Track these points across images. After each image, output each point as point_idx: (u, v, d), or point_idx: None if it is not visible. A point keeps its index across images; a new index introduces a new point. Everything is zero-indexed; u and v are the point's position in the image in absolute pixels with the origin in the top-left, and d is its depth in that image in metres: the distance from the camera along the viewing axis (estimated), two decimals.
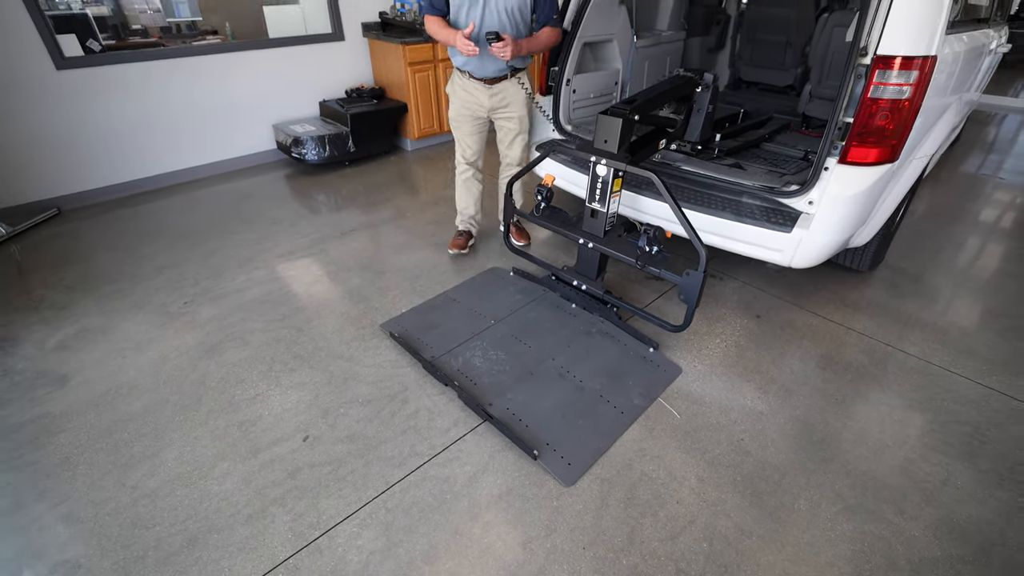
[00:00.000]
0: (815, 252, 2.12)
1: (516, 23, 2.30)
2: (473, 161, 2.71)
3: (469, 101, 2.52)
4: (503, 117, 2.57)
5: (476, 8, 2.26)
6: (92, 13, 3.73)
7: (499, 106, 2.52)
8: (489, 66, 2.38)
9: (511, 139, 2.63)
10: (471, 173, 2.75)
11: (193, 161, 3.99)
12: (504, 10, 2.26)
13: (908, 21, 1.79)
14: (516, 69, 2.47)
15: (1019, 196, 3.80)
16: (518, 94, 2.51)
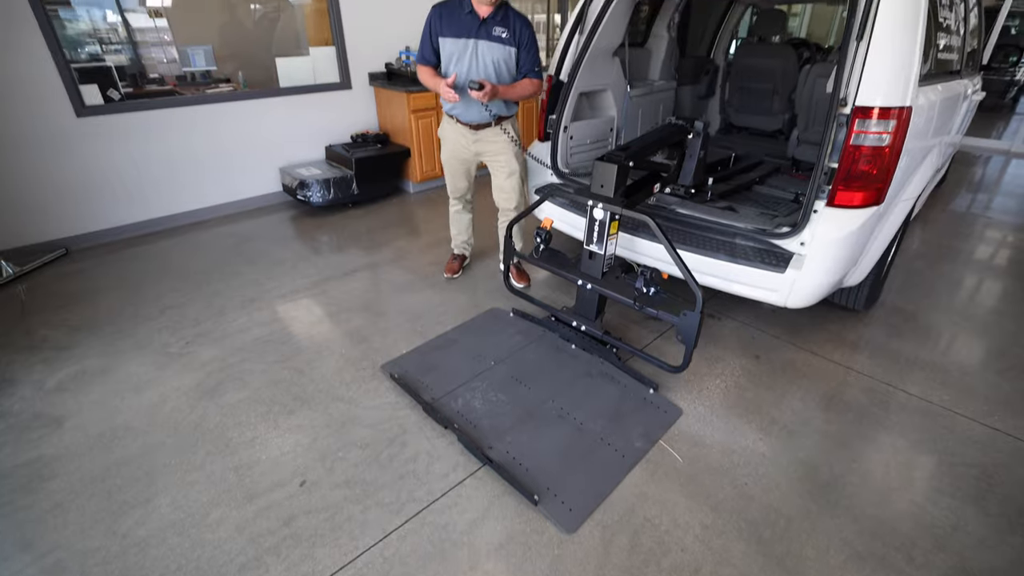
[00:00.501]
0: (809, 292, 2.15)
1: (501, 74, 2.49)
2: (462, 196, 2.93)
3: (457, 144, 2.69)
4: (492, 163, 2.74)
5: (464, 60, 2.44)
6: (114, 63, 3.91)
7: (484, 151, 2.69)
8: (474, 112, 2.55)
9: (503, 180, 2.75)
10: (461, 206, 2.99)
11: (200, 203, 4.08)
12: (491, 62, 2.45)
13: (882, 75, 1.90)
14: (501, 117, 2.61)
15: (1009, 234, 3.88)
16: (501, 139, 2.65)
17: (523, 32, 2.46)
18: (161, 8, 4.61)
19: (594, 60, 2.90)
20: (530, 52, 2.50)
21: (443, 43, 2.44)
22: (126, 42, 4.55)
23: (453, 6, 2.42)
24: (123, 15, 4.50)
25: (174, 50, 4.66)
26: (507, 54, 2.45)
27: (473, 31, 2.39)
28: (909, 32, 1.91)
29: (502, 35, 2.42)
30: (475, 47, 2.41)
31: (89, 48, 4.26)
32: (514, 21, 2.44)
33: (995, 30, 6.09)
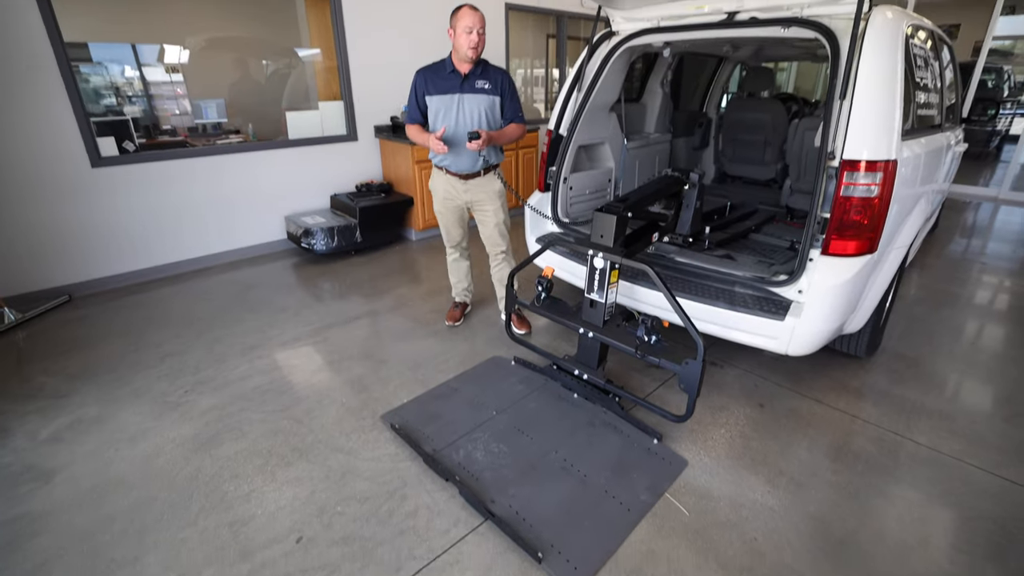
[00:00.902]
0: (810, 339, 2.16)
1: (487, 121, 2.63)
2: (458, 244, 3.00)
3: (448, 194, 2.80)
4: (480, 212, 2.83)
5: (452, 112, 2.59)
6: (130, 115, 4.06)
7: (474, 199, 2.79)
8: (464, 163, 2.66)
9: (491, 228, 2.85)
10: (458, 254, 3.06)
11: (205, 250, 4.14)
12: (477, 111, 2.60)
13: (867, 131, 1.99)
14: (490, 166, 2.74)
15: (1005, 279, 3.92)
16: (490, 188, 2.77)
17: (504, 82, 2.65)
18: (178, 64, 4.84)
19: (592, 115, 3.02)
20: (513, 99, 2.69)
21: (430, 101, 2.61)
22: (142, 95, 4.75)
23: (436, 68, 2.61)
24: (141, 70, 4.72)
25: (188, 103, 4.86)
26: (491, 103, 2.62)
27: (457, 87, 2.56)
28: (888, 91, 2.01)
29: (484, 86, 2.59)
30: (460, 100, 2.57)
31: (107, 101, 4.44)
32: (494, 73, 2.63)
33: (972, 85, 6.37)
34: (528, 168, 5.31)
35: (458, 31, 2.45)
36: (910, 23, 2.30)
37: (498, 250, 2.92)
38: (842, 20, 2.14)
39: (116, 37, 4.56)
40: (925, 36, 2.68)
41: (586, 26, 6.53)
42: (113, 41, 4.57)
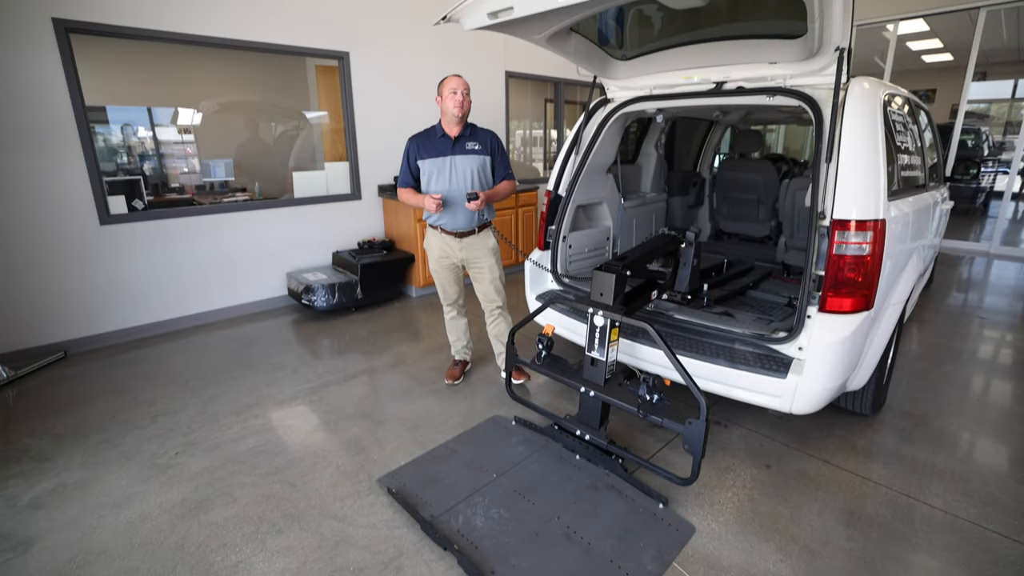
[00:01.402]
0: (813, 397, 2.13)
1: (478, 180, 2.72)
2: (454, 302, 3.02)
3: (444, 253, 2.84)
4: (475, 269, 2.88)
5: (445, 173, 2.69)
6: (140, 173, 4.19)
7: (470, 256, 2.83)
8: (459, 221, 2.73)
9: (486, 284, 2.89)
10: (455, 312, 3.08)
11: (207, 306, 4.16)
12: (468, 171, 2.69)
13: (854, 192, 2.06)
14: (484, 223, 2.82)
15: (1006, 333, 3.92)
16: (485, 245, 2.83)
17: (493, 142, 2.78)
18: (190, 125, 5.04)
19: (590, 176, 3.12)
20: (502, 158, 2.82)
21: (423, 165, 2.71)
22: (153, 155, 4.92)
23: (427, 134, 2.74)
24: (155, 131, 4.91)
25: (197, 162, 5.02)
26: (482, 162, 2.73)
27: (448, 150, 2.68)
28: (871, 155, 2.10)
29: (475, 147, 2.71)
30: (452, 162, 2.68)
31: (119, 160, 4.58)
32: (482, 135, 2.76)
33: (952, 145, 6.63)
34: (528, 225, 5.42)
35: (444, 94, 2.61)
36: (886, 92, 2.43)
37: (494, 306, 2.94)
38: (823, 90, 2.26)
39: (134, 101, 4.79)
40: (902, 102, 2.82)
41: (582, 91, 6.86)
42: (131, 105, 4.80)
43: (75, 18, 3.29)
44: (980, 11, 6.04)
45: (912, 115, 3.04)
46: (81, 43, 3.40)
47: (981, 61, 6.30)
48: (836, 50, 2.10)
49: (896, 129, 2.57)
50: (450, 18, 2.33)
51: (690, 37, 2.64)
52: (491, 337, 3.07)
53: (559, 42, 2.62)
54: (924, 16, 6.63)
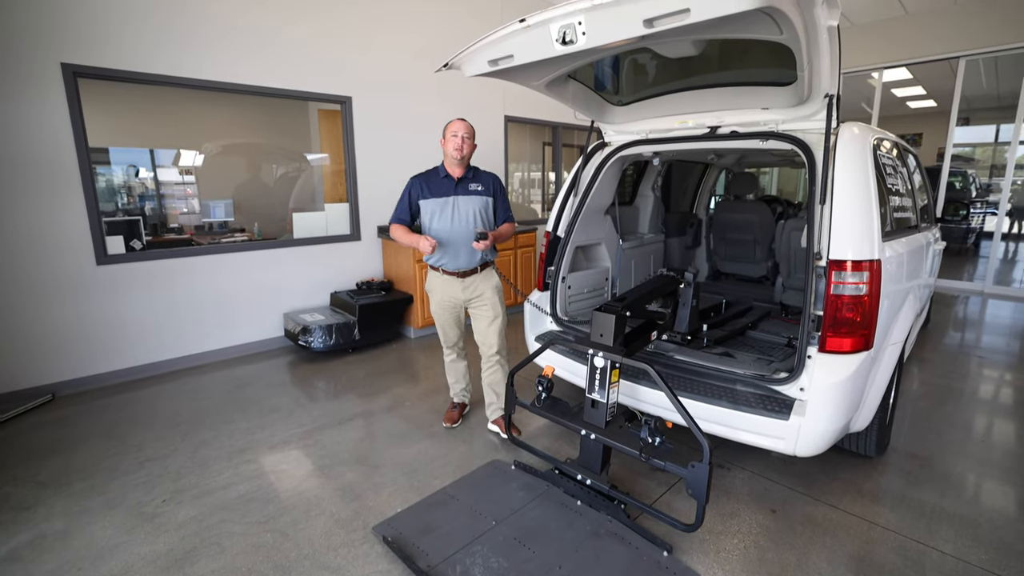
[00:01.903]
0: (817, 439, 2.11)
1: (482, 222, 2.75)
2: (454, 344, 2.99)
3: (446, 294, 2.82)
4: (477, 307, 2.84)
5: (447, 213, 2.71)
6: (139, 214, 4.22)
7: (472, 296, 2.81)
8: (461, 260, 2.73)
9: (486, 326, 2.84)
10: (455, 355, 3.03)
11: (201, 347, 4.12)
12: (470, 211, 2.71)
13: (849, 233, 2.10)
14: (486, 263, 2.81)
15: (1005, 372, 3.91)
16: (488, 283, 2.81)
17: (495, 184, 2.83)
18: (192, 167, 5.13)
19: (588, 218, 3.17)
20: (504, 200, 2.86)
21: (425, 205, 2.74)
22: (153, 195, 4.98)
23: (430, 174, 2.78)
24: (156, 172, 4.99)
25: (197, 202, 5.09)
26: (484, 203, 2.76)
27: (451, 190, 2.72)
28: (863, 196, 2.15)
29: (477, 188, 2.75)
30: (455, 202, 2.71)
31: (119, 200, 4.63)
32: (485, 177, 2.81)
33: (941, 188, 6.80)
34: (526, 266, 5.46)
35: (446, 136, 2.67)
36: (875, 136, 2.51)
37: (492, 351, 2.86)
38: (814, 134, 2.33)
39: (137, 142, 4.90)
40: (890, 146, 2.91)
41: (579, 135, 7.05)
42: (134, 146, 4.90)
43: (84, 63, 3.37)
44: (960, 60, 6.31)
45: (901, 158, 3.12)
46: (88, 86, 3.48)
47: (964, 107, 6.54)
48: (825, 96, 2.18)
49: (886, 172, 2.64)
50: (452, 65, 2.42)
51: (684, 84, 2.74)
52: (485, 385, 2.95)
53: (557, 88, 2.71)
54: (907, 65, 6.93)
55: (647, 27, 1.70)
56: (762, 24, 1.79)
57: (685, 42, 2.16)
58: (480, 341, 2.90)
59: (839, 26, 1.80)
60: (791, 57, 2.01)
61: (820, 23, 1.74)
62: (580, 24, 1.83)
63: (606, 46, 1.92)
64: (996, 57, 6.29)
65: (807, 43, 1.84)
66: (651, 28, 1.70)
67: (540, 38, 1.97)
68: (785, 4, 1.58)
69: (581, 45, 1.88)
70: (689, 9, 1.58)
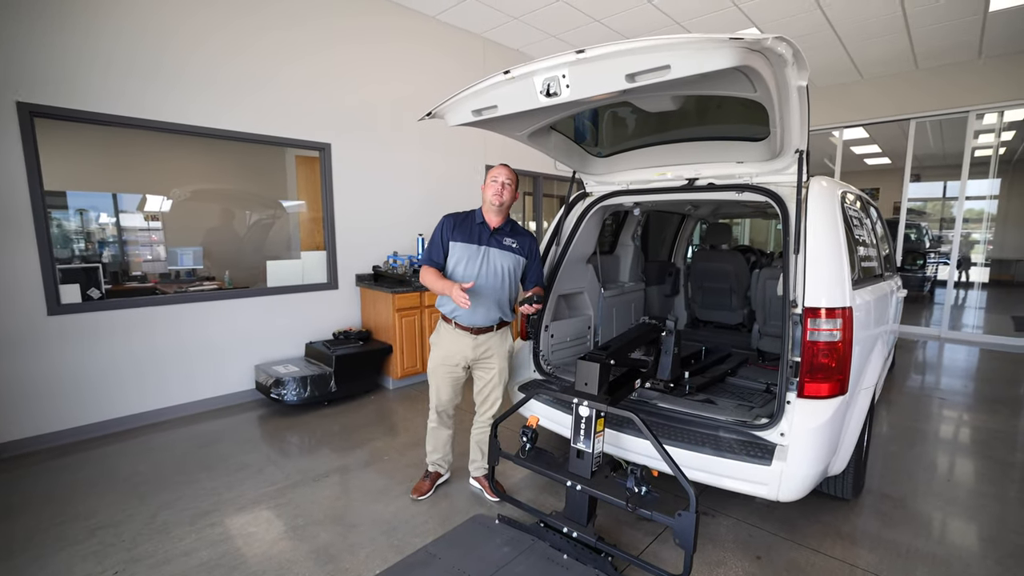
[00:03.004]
0: (799, 483, 2.14)
1: (509, 279, 2.59)
2: (444, 409, 2.75)
3: (452, 350, 2.61)
4: (483, 367, 2.67)
5: (475, 263, 2.53)
6: (100, 261, 4.03)
7: (482, 356, 2.63)
8: (479, 316, 2.54)
9: (490, 389, 2.70)
10: (440, 421, 2.78)
11: (165, 402, 3.91)
12: (501, 268, 2.56)
13: (822, 282, 2.19)
14: (503, 322, 2.66)
15: (963, 413, 4.11)
16: (502, 346, 2.67)
17: (532, 246, 2.68)
18: (159, 212, 5.01)
19: (570, 267, 3.23)
20: (538, 264, 2.73)
21: (454, 247, 2.54)
22: (114, 242, 4.80)
23: (466, 217, 2.60)
24: (119, 217, 4.83)
25: (163, 250, 4.93)
26: (516, 262, 2.59)
27: (485, 239, 2.55)
28: (835, 246, 2.26)
29: (512, 245, 2.59)
30: (486, 253, 2.54)
31: (77, 247, 4.45)
32: (522, 235, 2.65)
33: (899, 239, 7.21)
34: None
35: (488, 181, 2.54)
36: (841, 189, 2.67)
37: (490, 413, 2.71)
38: (786, 187, 2.47)
39: (100, 186, 4.72)
40: (855, 198, 3.09)
41: (559, 185, 7.25)
42: (97, 190, 4.73)
43: (41, 102, 3.23)
44: (910, 122, 6.88)
45: (865, 210, 3.32)
46: (45, 127, 3.33)
47: (915, 164, 7.07)
48: (796, 152, 2.33)
49: (853, 223, 2.80)
50: (435, 114, 2.48)
51: (663, 137, 2.87)
52: (472, 443, 2.82)
53: (540, 139, 2.81)
54: (863, 125, 7.50)
55: (629, 82, 1.80)
56: (737, 82, 1.93)
57: (665, 97, 2.29)
58: (480, 400, 2.74)
59: (807, 86, 1.94)
60: (764, 114, 2.15)
61: (791, 83, 1.87)
62: (564, 77, 1.92)
63: (590, 99, 2.02)
64: (941, 120, 6.86)
65: (779, 101, 1.98)
66: (633, 83, 1.80)
67: (524, 90, 2.06)
68: (759, 63, 1.71)
69: (565, 97, 1.97)
70: (670, 66, 1.69)
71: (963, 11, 4.98)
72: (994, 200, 8.10)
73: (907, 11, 4.97)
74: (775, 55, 1.69)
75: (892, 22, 5.24)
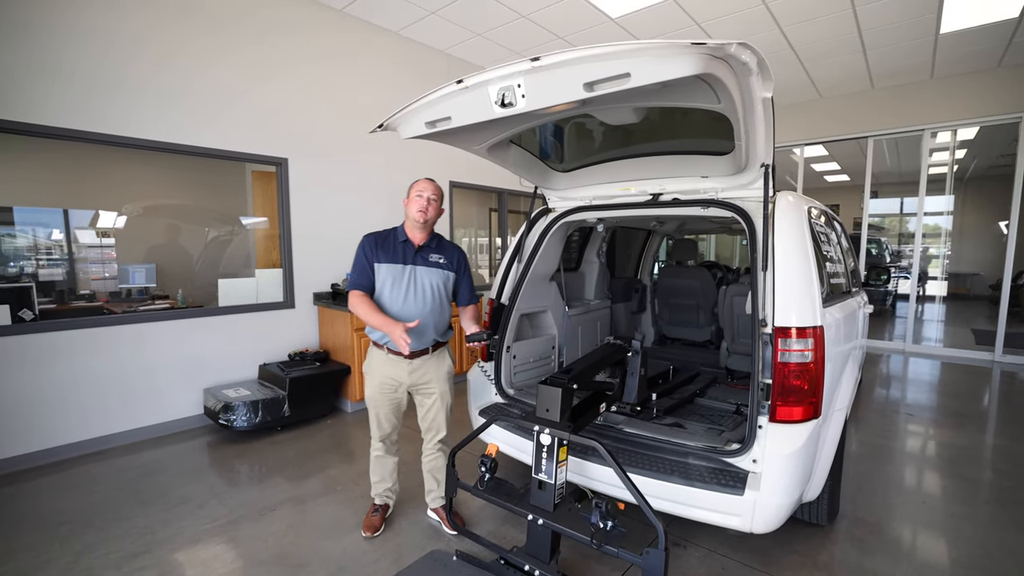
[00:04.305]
0: (773, 514, 2.03)
1: (439, 297, 2.46)
2: (387, 436, 2.59)
3: (388, 377, 2.47)
4: (423, 393, 2.53)
5: (402, 284, 2.40)
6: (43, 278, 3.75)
7: (420, 381, 2.49)
8: (412, 340, 2.34)
9: (433, 415, 2.56)
10: (385, 449, 2.62)
11: (105, 430, 3.62)
12: (429, 286, 2.43)
13: (792, 300, 2.11)
14: (438, 343, 2.52)
15: (929, 428, 4.12)
16: (440, 368, 2.53)
17: (460, 260, 2.56)
18: (110, 228, 4.75)
19: (533, 285, 3.11)
20: (468, 279, 2.60)
21: (379, 268, 2.41)
22: (60, 260, 4.53)
23: (387, 235, 2.48)
24: (70, 234, 4.56)
25: (115, 267, 4.67)
26: (445, 278, 2.48)
27: (410, 258, 2.43)
28: (803, 263, 2.19)
29: (439, 260, 2.47)
30: (412, 272, 2.42)
31: (19, 264, 4.16)
32: (449, 249, 2.54)
33: (861, 254, 7.35)
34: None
35: (411, 196, 2.42)
36: (808, 204, 2.63)
37: (438, 438, 2.58)
38: (752, 202, 2.40)
39: (48, 202, 4.47)
40: (819, 214, 3.07)
41: (525, 201, 7.15)
42: (44, 206, 4.47)
43: None
44: (868, 140, 7.07)
45: (830, 225, 3.30)
46: None
47: (873, 182, 7.25)
48: (762, 166, 2.26)
49: (820, 239, 2.75)
50: (387, 126, 2.35)
51: (627, 151, 2.79)
52: (425, 472, 2.66)
53: (499, 153, 2.70)
54: (823, 143, 7.68)
55: (588, 91, 1.70)
56: (701, 92, 1.85)
57: (626, 109, 2.21)
58: (425, 426, 2.59)
59: (772, 98, 1.88)
60: (729, 127, 2.08)
61: (755, 94, 1.80)
62: (519, 87, 1.82)
63: (547, 109, 1.92)
64: (897, 138, 7.06)
65: (744, 113, 1.92)
66: (592, 92, 1.70)
67: (478, 100, 1.95)
68: (722, 72, 1.63)
69: (521, 108, 1.87)
70: (630, 74, 1.60)
71: (915, 32, 5.15)
72: (949, 216, 8.39)
73: (862, 31, 5.11)
74: (739, 63, 1.62)
75: (848, 42, 5.38)
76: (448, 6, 4.70)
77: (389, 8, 4.75)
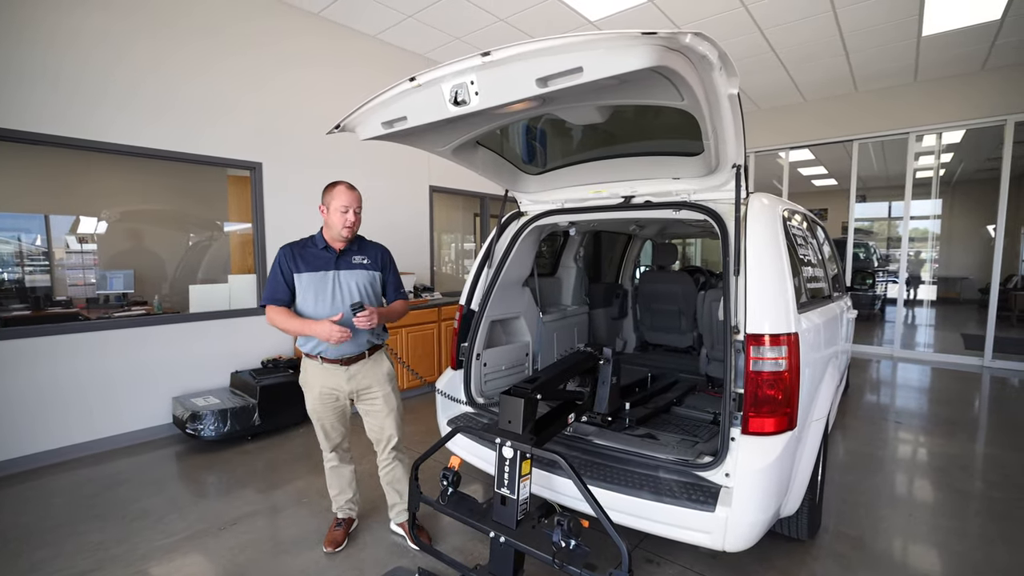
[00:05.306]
0: (746, 531, 1.93)
1: (369, 300, 2.37)
2: (338, 445, 2.51)
3: (326, 387, 2.37)
4: (367, 401, 2.44)
5: (326, 291, 2.30)
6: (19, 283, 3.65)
7: (360, 387, 2.40)
8: (345, 346, 2.29)
9: (383, 417, 2.45)
10: (338, 459, 2.55)
11: (67, 440, 3.51)
12: (355, 287, 2.34)
13: (764, 306, 2.03)
14: (375, 346, 2.44)
15: (919, 435, 4.01)
16: (378, 371, 2.43)
17: (384, 257, 2.48)
18: (89, 234, 4.65)
19: (504, 290, 3.02)
20: (394, 275, 2.52)
21: (299, 279, 2.30)
22: (36, 266, 4.43)
23: (305, 244, 2.37)
24: (49, 239, 4.47)
25: (92, 273, 4.57)
26: (371, 278, 2.40)
27: (332, 263, 2.34)
28: (777, 268, 2.11)
29: (363, 261, 2.39)
30: (336, 277, 2.32)
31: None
32: (372, 248, 2.46)
33: (848, 259, 7.31)
34: (429, 346, 5.03)
35: (332, 209, 2.27)
36: (784, 207, 2.55)
37: (390, 446, 2.48)
38: (725, 204, 2.32)
39: (27, 208, 4.39)
40: (800, 218, 2.99)
41: (507, 206, 7.08)
42: (22, 212, 4.39)
43: None
44: (853, 143, 7.02)
45: (810, 229, 3.22)
46: None
47: (860, 186, 7.22)
48: (733, 167, 2.19)
49: (797, 243, 2.68)
50: (344, 127, 2.27)
51: (598, 153, 2.71)
52: (384, 484, 2.57)
53: (466, 155, 2.62)
54: (808, 147, 7.63)
55: (541, 86, 1.63)
56: (662, 89, 1.78)
57: (589, 108, 2.13)
58: (375, 437, 2.50)
59: (739, 95, 1.80)
60: (698, 127, 2.01)
61: (720, 90, 1.72)
62: (472, 84, 1.74)
63: (503, 108, 1.84)
64: (883, 141, 7.02)
65: (709, 111, 1.84)
66: (546, 88, 1.63)
67: (433, 98, 1.87)
68: (680, 66, 1.55)
69: (475, 106, 1.79)
70: (582, 68, 1.53)
71: (898, 35, 5.11)
72: (937, 220, 8.38)
73: (844, 34, 5.07)
74: (697, 56, 1.54)
75: (830, 45, 5.34)
76: (425, 10, 4.64)
77: (366, 12, 4.68)
